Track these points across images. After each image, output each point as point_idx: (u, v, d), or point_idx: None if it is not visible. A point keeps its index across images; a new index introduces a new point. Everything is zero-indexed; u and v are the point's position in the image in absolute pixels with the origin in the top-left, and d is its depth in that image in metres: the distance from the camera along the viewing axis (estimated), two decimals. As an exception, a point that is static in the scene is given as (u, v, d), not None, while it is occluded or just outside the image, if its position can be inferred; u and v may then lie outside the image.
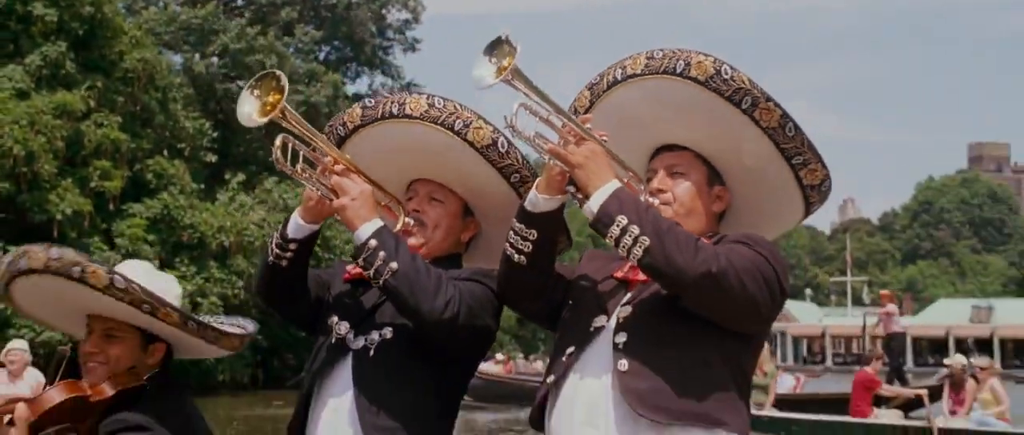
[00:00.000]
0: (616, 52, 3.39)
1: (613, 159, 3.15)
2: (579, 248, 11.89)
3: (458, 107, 3.40)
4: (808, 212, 3.41)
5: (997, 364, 76.22)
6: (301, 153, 3.31)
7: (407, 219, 3.52)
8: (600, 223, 2.99)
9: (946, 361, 18.02)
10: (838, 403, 18.39)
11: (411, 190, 3.61)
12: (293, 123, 3.23)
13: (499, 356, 32.11)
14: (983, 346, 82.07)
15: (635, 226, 2.96)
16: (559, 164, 3.01)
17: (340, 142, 3.59)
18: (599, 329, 3.15)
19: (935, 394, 18.25)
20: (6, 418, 3.40)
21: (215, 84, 39.93)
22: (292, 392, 32.79)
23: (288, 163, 3.28)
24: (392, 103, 3.50)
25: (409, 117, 3.41)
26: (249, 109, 3.24)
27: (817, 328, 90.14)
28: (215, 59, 41.50)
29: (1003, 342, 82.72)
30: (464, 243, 3.65)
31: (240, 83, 39.99)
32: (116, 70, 31.88)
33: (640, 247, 2.94)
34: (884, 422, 16.38)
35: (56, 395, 3.48)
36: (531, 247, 3.18)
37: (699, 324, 3.00)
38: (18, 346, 12.13)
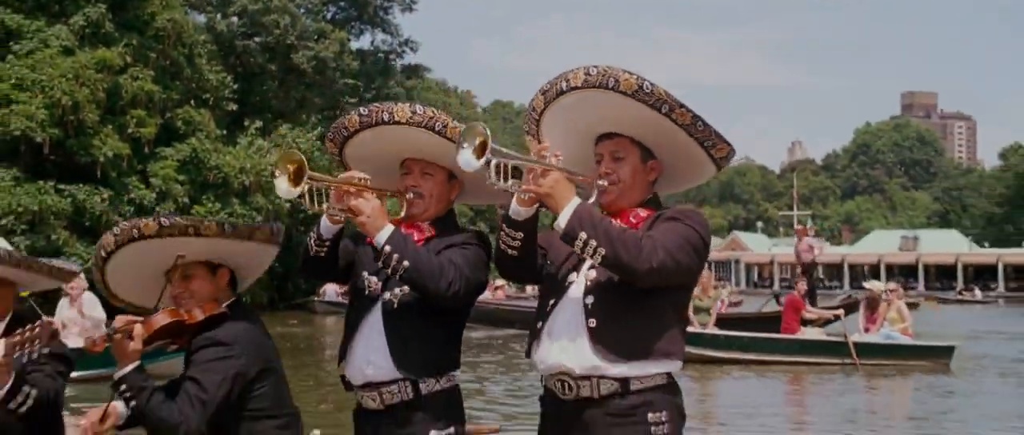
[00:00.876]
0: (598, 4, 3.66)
1: (570, 175, 3.52)
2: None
3: (436, 112, 3.82)
4: (719, 170, 3.85)
5: (921, 287, 76.86)
6: (322, 191, 3.71)
7: (409, 195, 3.93)
8: (568, 237, 3.40)
9: (866, 285, 18.34)
10: (772, 321, 18.52)
11: (405, 166, 3.97)
12: (316, 179, 3.64)
13: (497, 282, 32.44)
14: (910, 271, 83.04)
15: (593, 240, 3.36)
16: (533, 191, 3.43)
17: (345, 141, 4.00)
18: (570, 283, 3.59)
19: (849, 310, 18.47)
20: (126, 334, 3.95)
21: (235, 41, 39.29)
22: (303, 312, 32.93)
23: (313, 204, 3.68)
24: (383, 112, 3.87)
25: (398, 123, 3.82)
26: (284, 187, 3.61)
27: (767, 256, 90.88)
28: (235, 19, 40.79)
29: (927, 267, 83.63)
30: (453, 200, 4.07)
31: (257, 40, 39.96)
32: (149, 29, 31.71)
33: (598, 255, 3.36)
34: (809, 338, 16.57)
35: (161, 318, 3.92)
36: (519, 243, 3.60)
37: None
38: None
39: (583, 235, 3.36)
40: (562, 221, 3.39)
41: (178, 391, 3.84)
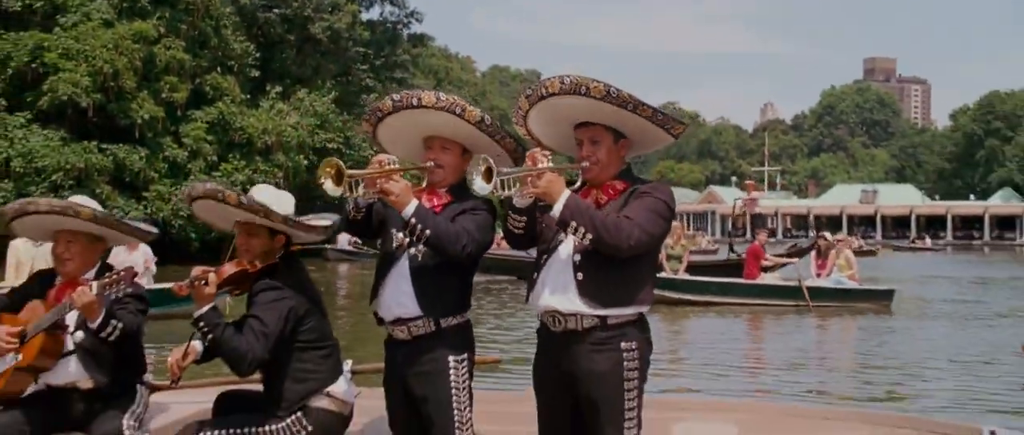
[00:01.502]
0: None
1: (560, 169, 3.89)
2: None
3: (456, 99, 4.14)
4: (676, 139, 4.20)
5: (879, 236, 76.60)
6: (356, 182, 4.04)
7: (430, 165, 4.24)
8: (561, 224, 3.79)
9: (824, 235, 18.31)
10: (735, 268, 18.71)
11: (428, 142, 4.28)
12: (352, 175, 3.99)
13: (499, 235, 32.69)
14: (869, 222, 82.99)
15: (582, 227, 3.74)
16: (532, 192, 3.82)
17: (379, 121, 4.31)
18: (561, 243, 3.95)
19: (796, 255, 18.81)
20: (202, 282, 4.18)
21: (257, 13, 38.74)
22: (317, 259, 32.78)
23: (353, 192, 4.05)
24: (412, 97, 4.18)
25: (424, 107, 4.14)
26: (330, 186, 3.95)
27: (740, 208, 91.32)
28: (257, -8, 40.91)
29: (884, 218, 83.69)
30: (466, 167, 4.20)
31: (276, 12, 39.67)
32: (180, 3, 31.82)
33: (588, 238, 3.73)
34: (767, 283, 16.71)
35: (230, 268, 4.29)
36: (523, 224, 3.98)
37: None
38: None
39: (573, 223, 3.75)
40: (556, 212, 3.75)
41: (244, 327, 4.18)
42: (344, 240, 32.89)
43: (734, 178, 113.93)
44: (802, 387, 9.01)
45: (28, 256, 12.55)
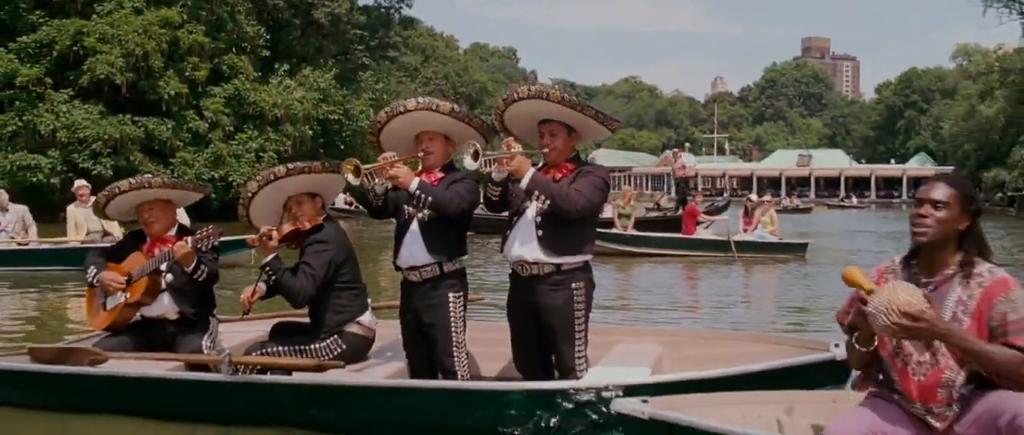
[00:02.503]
0: None
1: (526, 154, 4.44)
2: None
3: (432, 100, 4.62)
4: (613, 133, 4.78)
5: (813, 195, 76.45)
6: (370, 174, 4.58)
7: (422, 154, 4.75)
8: (527, 192, 4.38)
9: (750, 196, 18.48)
10: (675, 224, 18.70)
11: (418, 137, 4.79)
12: (366, 168, 4.52)
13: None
14: (804, 183, 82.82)
15: (543, 195, 4.35)
16: (506, 170, 4.40)
17: (379, 130, 4.76)
18: (526, 208, 4.53)
19: (715, 212, 18.89)
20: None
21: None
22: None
23: (370, 182, 4.57)
24: (400, 107, 4.65)
25: (409, 111, 4.63)
26: (351, 178, 4.49)
27: (692, 170, 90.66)
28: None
29: (817, 180, 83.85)
30: (451, 153, 4.88)
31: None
32: (200, -9, 31.69)
33: (547, 204, 4.35)
34: (701, 237, 16.78)
35: (287, 227, 4.90)
36: (498, 192, 4.58)
37: None
38: None
39: (536, 192, 4.39)
40: (524, 184, 4.40)
41: (298, 271, 4.86)
42: (340, 200, 33.18)
43: (687, 144, 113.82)
44: (723, 322, 9.16)
45: (83, 218, 13.14)
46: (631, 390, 4.03)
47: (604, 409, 4.09)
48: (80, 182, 13.86)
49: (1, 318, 9.23)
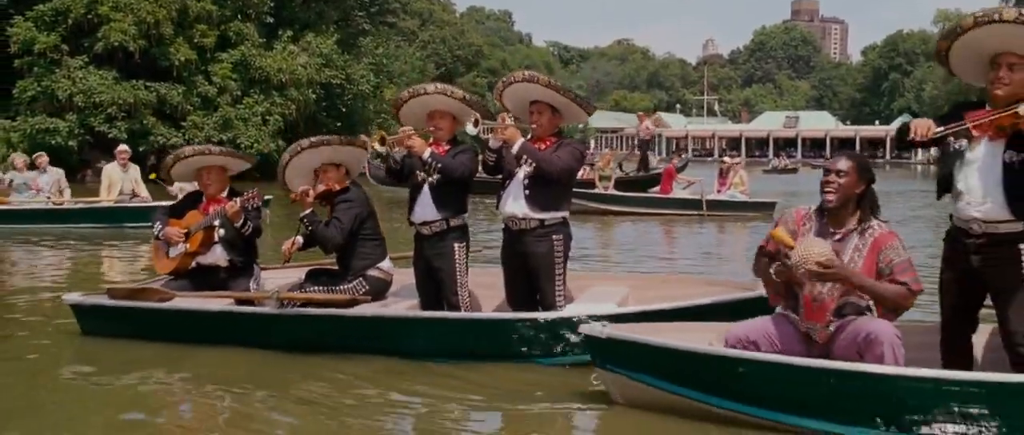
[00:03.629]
0: None
1: (518, 127, 5.13)
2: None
3: (446, 86, 5.35)
4: (589, 116, 5.58)
5: (799, 155, 75.52)
6: (391, 142, 5.32)
7: (431, 129, 5.46)
8: (517, 158, 5.05)
9: (724, 158, 18.43)
10: (653, 183, 19.09)
11: (430, 116, 5.49)
12: (389, 139, 5.26)
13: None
14: (792, 144, 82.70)
15: (530, 159, 5.04)
16: (501, 138, 5.09)
17: (403, 103, 5.50)
18: (517, 172, 5.22)
19: (679, 170, 19.08)
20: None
21: None
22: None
23: (392, 148, 5.30)
24: (420, 90, 5.38)
25: (429, 94, 5.39)
26: (377, 147, 5.28)
27: (683, 132, 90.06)
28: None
29: (804, 140, 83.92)
30: (455, 131, 5.58)
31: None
32: (207, -40, 31.64)
33: (533, 167, 5.05)
34: (677, 197, 17.09)
35: (321, 187, 5.69)
36: (494, 159, 5.28)
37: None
38: None
39: (525, 157, 5.15)
40: (515, 150, 5.14)
41: (330, 224, 5.65)
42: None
43: (678, 105, 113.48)
44: (690, 271, 9.55)
45: (118, 178, 13.81)
46: (596, 319, 4.91)
47: (576, 334, 5.00)
48: (122, 147, 14.66)
49: (44, 268, 10.05)
